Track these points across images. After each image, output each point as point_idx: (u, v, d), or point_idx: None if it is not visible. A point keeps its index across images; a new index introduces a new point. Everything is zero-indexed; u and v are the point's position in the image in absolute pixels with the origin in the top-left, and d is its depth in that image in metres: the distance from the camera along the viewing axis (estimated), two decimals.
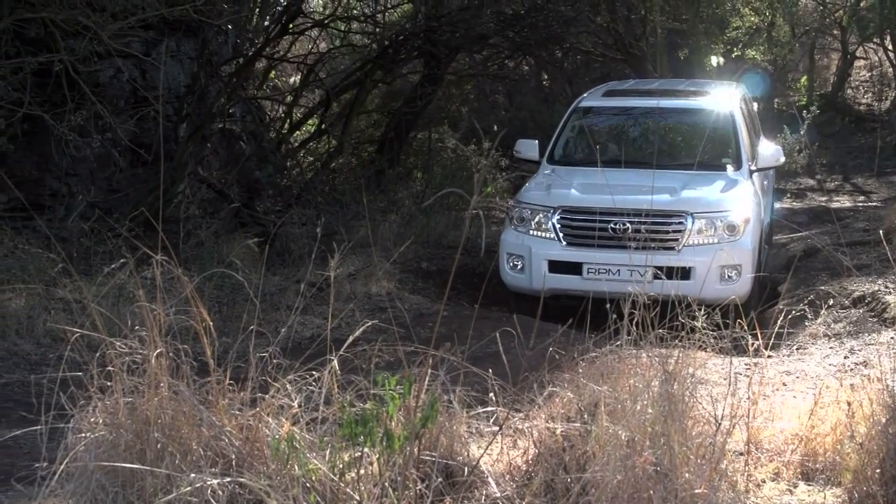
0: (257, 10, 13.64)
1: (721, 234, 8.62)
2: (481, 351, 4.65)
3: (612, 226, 8.61)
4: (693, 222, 8.59)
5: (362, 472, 3.49)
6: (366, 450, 3.52)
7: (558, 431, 3.87)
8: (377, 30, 14.77)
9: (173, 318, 3.93)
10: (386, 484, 3.45)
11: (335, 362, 3.76)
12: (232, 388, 3.73)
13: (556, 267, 8.81)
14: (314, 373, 3.78)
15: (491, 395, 4.12)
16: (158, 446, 3.53)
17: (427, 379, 3.74)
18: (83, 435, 3.56)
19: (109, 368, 3.68)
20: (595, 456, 3.67)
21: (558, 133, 10.46)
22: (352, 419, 3.56)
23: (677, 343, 4.27)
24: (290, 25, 13.37)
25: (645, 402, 3.82)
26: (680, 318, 4.45)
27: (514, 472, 3.96)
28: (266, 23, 13.81)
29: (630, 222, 8.55)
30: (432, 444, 3.75)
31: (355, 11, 15.15)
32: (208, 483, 3.34)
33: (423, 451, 3.66)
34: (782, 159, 9.85)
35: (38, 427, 3.66)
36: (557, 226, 8.88)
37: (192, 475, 3.38)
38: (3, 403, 5.79)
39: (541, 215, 8.99)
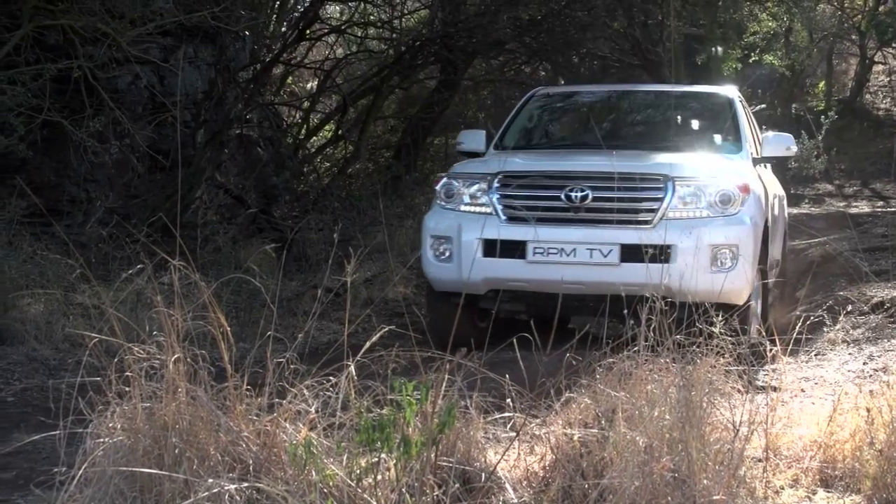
0: (274, 16, 13.68)
1: (712, 205, 6.92)
2: (498, 356, 4.65)
3: (567, 193, 6.94)
4: (674, 190, 6.90)
5: (379, 477, 3.49)
6: (383, 455, 3.52)
7: (576, 437, 3.86)
8: (394, 35, 14.80)
9: (191, 323, 3.94)
10: (403, 490, 3.44)
11: (352, 368, 3.76)
12: (249, 393, 3.74)
13: (494, 250, 6.88)
14: (331, 378, 3.78)
15: (508, 400, 4.12)
16: (176, 451, 3.54)
17: (444, 384, 3.75)
18: (102, 440, 3.57)
19: (128, 374, 3.69)
20: (612, 462, 3.66)
21: (511, 119, 8.81)
22: (369, 425, 3.56)
23: (695, 349, 4.26)
24: (307, 31, 13.42)
25: (662, 409, 3.81)
26: (697, 324, 4.43)
27: (531, 478, 3.95)
28: (283, 29, 13.86)
29: (591, 188, 6.94)
30: (449, 449, 3.74)
31: (372, 17, 15.17)
32: (226, 488, 3.35)
33: (441, 456, 3.66)
34: (794, 148, 8.25)
35: (57, 432, 3.67)
36: (496, 197, 7.11)
37: (210, 480, 3.39)
38: (23, 408, 5.82)
39: (476, 186, 7.26)
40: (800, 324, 4.61)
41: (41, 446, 4.25)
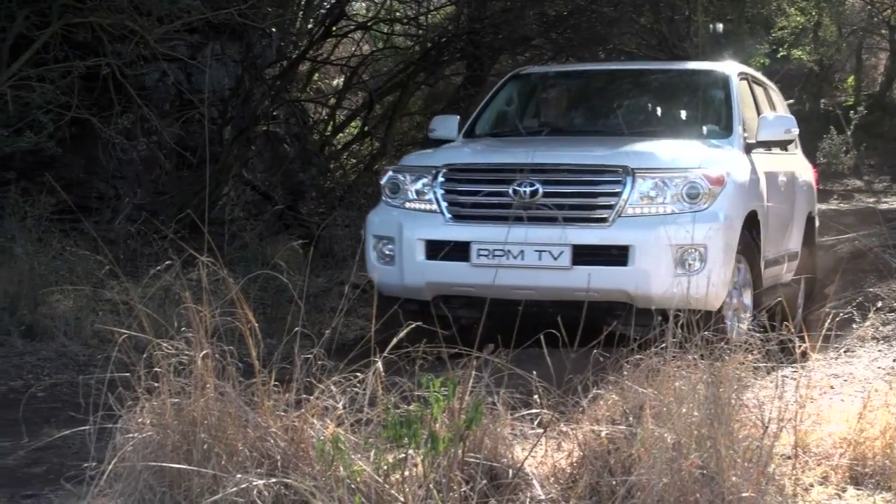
0: (301, 12, 13.71)
1: (678, 200, 6.23)
2: (525, 353, 4.65)
3: (516, 188, 6.30)
4: (634, 183, 6.21)
5: (407, 473, 3.49)
6: (410, 451, 3.53)
7: (603, 434, 3.85)
8: (420, 32, 14.80)
9: (219, 319, 3.95)
10: (431, 486, 3.45)
11: (379, 364, 3.77)
12: (277, 389, 3.75)
13: (438, 251, 6.34)
14: (358, 374, 3.79)
15: (535, 397, 4.12)
16: (205, 447, 3.55)
17: (471, 381, 3.75)
18: (131, 435, 3.59)
19: (156, 369, 3.71)
20: (640, 459, 3.65)
21: (485, 103, 8.17)
22: (396, 421, 3.57)
23: (723, 346, 4.24)
24: (334, 28, 13.44)
25: (690, 405, 3.79)
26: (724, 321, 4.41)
27: (558, 475, 3.94)
28: (309, 25, 13.89)
29: (541, 182, 6.29)
30: (476, 446, 3.74)
31: (398, 14, 15.18)
32: (254, 484, 3.36)
33: (468, 453, 3.66)
34: (794, 131, 7.51)
35: (87, 427, 3.70)
36: (440, 192, 6.49)
37: (238, 476, 3.40)
38: (52, 404, 5.86)
39: (421, 181, 6.61)
40: (829, 320, 4.59)
41: (71, 441, 4.28)
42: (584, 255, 6.14)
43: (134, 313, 4.05)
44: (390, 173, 6.82)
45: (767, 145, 7.42)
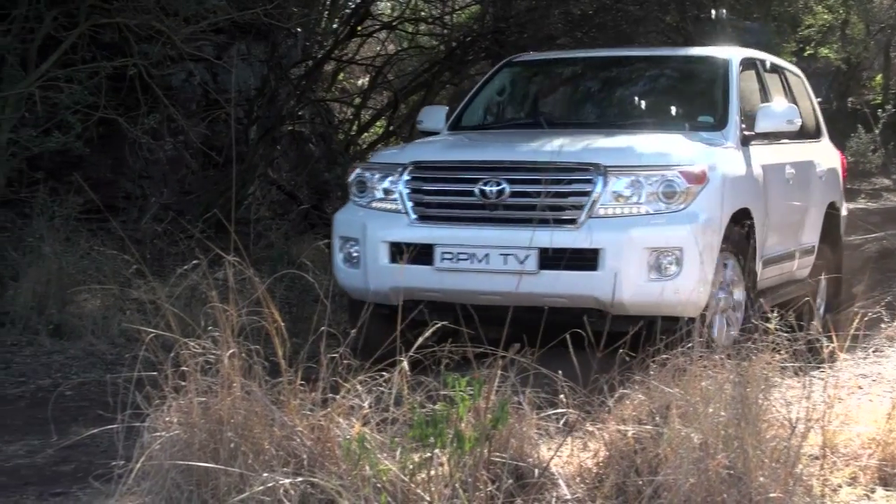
0: (326, 12, 13.74)
1: (653, 199, 5.86)
2: (551, 352, 4.64)
3: (482, 188, 5.98)
4: (606, 182, 5.86)
5: (433, 472, 3.49)
6: (436, 451, 3.53)
7: (629, 434, 3.84)
8: (445, 31, 14.80)
9: (245, 318, 3.97)
10: (457, 485, 3.45)
11: (405, 363, 3.77)
12: (303, 388, 3.76)
13: (402, 254, 5.92)
14: (384, 374, 3.79)
15: (561, 396, 4.11)
16: (231, 446, 3.57)
17: (497, 380, 3.75)
18: (158, 434, 3.61)
19: (183, 368, 3.73)
20: (667, 459, 3.64)
21: (473, 93, 7.80)
22: (422, 420, 3.57)
23: (750, 345, 4.22)
24: (359, 28, 13.45)
25: (717, 405, 3.77)
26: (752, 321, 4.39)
27: (584, 475, 3.94)
28: (335, 25, 13.92)
29: (508, 181, 5.96)
30: (502, 445, 3.74)
31: (423, 13, 15.18)
32: (280, 482, 3.37)
33: (494, 452, 3.66)
34: (798, 121, 7.06)
35: (115, 426, 3.72)
36: (405, 192, 6.16)
37: (265, 474, 3.42)
38: (80, 402, 5.90)
39: (388, 179, 6.27)
40: (857, 320, 4.56)
41: (99, 440, 4.31)
42: (552, 258, 5.78)
43: (161, 312, 4.08)
44: (358, 171, 6.54)
45: (767, 137, 7.01)
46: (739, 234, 6.40)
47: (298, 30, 12.36)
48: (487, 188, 5.96)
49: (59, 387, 6.19)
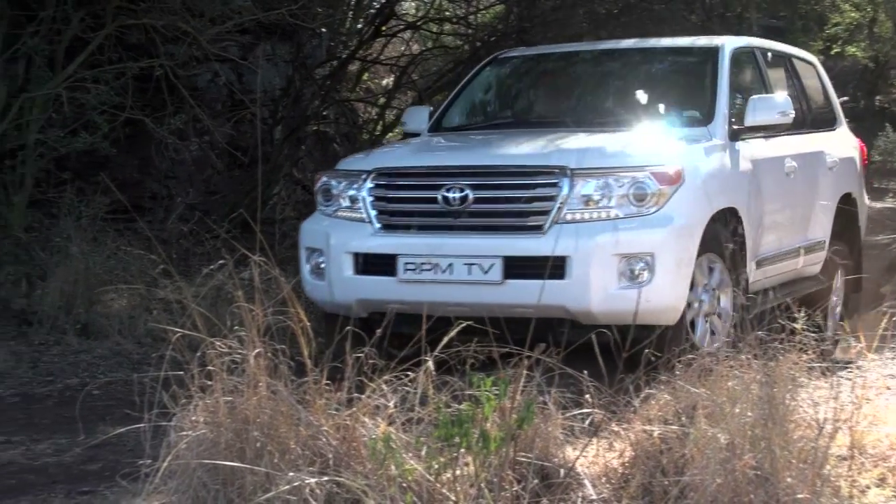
0: (351, 12, 13.76)
1: (624, 203, 5.59)
2: (576, 352, 4.63)
3: (444, 194, 5.74)
4: (572, 185, 5.59)
5: (458, 472, 3.49)
6: (461, 450, 3.53)
7: (655, 434, 3.83)
8: (469, 31, 14.78)
9: (271, 318, 3.98)
10: (482, 485, 3.44)
11: (430, 363, 3.77)
12: (329, 388, 3.77)
13: (366, 265, 5.86)
14: (409, 373, 3.80)
15: (586, 396, 4.10)
16: (258, 445, 3.58)
17: (522, 380, 3.74)
18: (185, 433, 3.62)
19: (210, 368, 3.74)
20: (693, 459, 3.62)
21: (456, 93, 7.54)
22: (447, 420, 3.57)
23: (777, 345, 4.20)
24: (383, 28, 13.46)
25: (744, 405, 3.76)
26: (778, 320, 4.37)
27: (610, 475, 3.93)
28: (359, 25, 13.93)
29: (471, 187, 5.71)
30: (528, 445, 3.73)
31: (448, 13, 15.17)
32: (306, 482, 3.38)
33: (519, 452, 3.65)
34: (790, 113, 6.69)
35: (142, 425, 3.74)
36: (369, 200, 5.94)
37: (291, 474, 3.43)
38: (107, 401, 5.93)
39: (352, 187, 6.05)
40: (885, 320, 4.53)
41: (126, 439, 4.33)
42: (517, 267, 5.56)
43: (187, 312, 4.09)
44: (323, 178, 6.31)
45: (763, 130, 6.71)
46: (724, 236, 6.10)
47: (323, 30, 12.39)
48: (450, 195, 5.72)
49: (87, 386, 6.23)
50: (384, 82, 16.31)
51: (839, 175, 8.00)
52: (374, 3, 14.01)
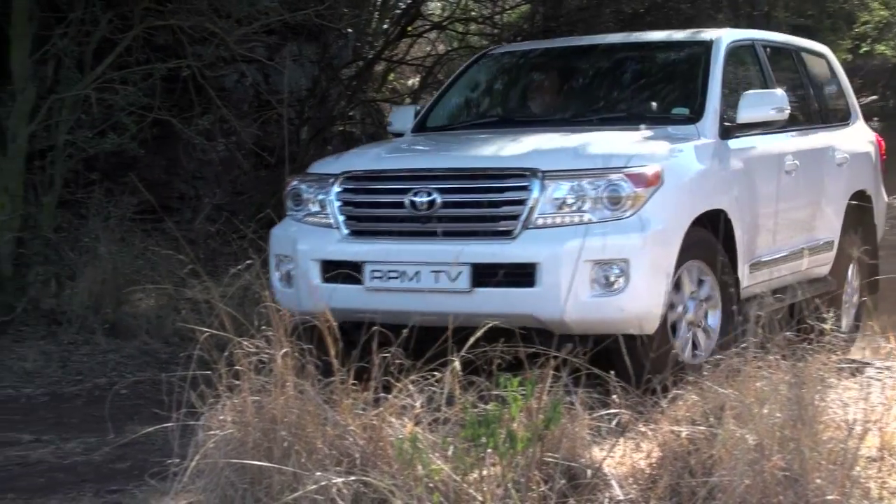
0: (377, 13, 13.78)
1: (598, 206, 5.33)
2: (603, 352, 4.62)
3: (412, 198, 5.51)
4: (543, 188, 5.34)
5: (485, 472, 3.49)
6: (488, 451, 3.53)
7: (683, 434, 3.81)
8: (495, 31, 14.77)
9: (298, 318, 3.99)
10: (509, 485, 3.44)
11: (457, 363, 3.77)
12: (355, 388, 3.77)
13: (334, 273, 5.61)
14: (436, 373, 3.80)
15: (613, 397, 4.09)
16: (285, 445, 3.59)
17: (549, 380, 3.74)
18: (213, 432, 3.64)
19: (237, 368, 3.76)
20: (722, 460, 3.60)
21: (442, 92, 7.39)
22: (474, 420, 3.57)
23: (806, 346, 4.18)
24: (409, 28, 13.47)
25: (773, 406, 3.74)
26: (807, 321, 4.34)
27: (637, 476, 3.92)
28: (385, 26, 13.95)
29: (439, 190, 5.48)
30: (555, 445, 3.72)
31: (473, 13, 15.17)
32: (333, 482, 3.39)
33: (546, 452, 3.64)
34: (786, 109, 6.39)
35: (170, 424, 3.76)
36: (337, 205, 5.73)
37: (318, 473, 3.44)
38: (135, 401, 5.97)
39: (321, 192, 5.83)
40: None
41: (154, 438, 4.34)
42: (486, 275, 5.29)
43: (215, 312, 4.11)
44: (293, 183, 6.08)
45: (754, 128, 6.40)
46: (710, 240, 5.80)
47: (349, 30, 12.41)
48: (417, 199, 5.49)
49: (115, 385, 6.27)
50: (410, 82, 16.32)
51: (851, 172, 7.71)
52: (400, 4, 14.02)
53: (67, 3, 8.24)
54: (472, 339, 3.92)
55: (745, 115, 6.26)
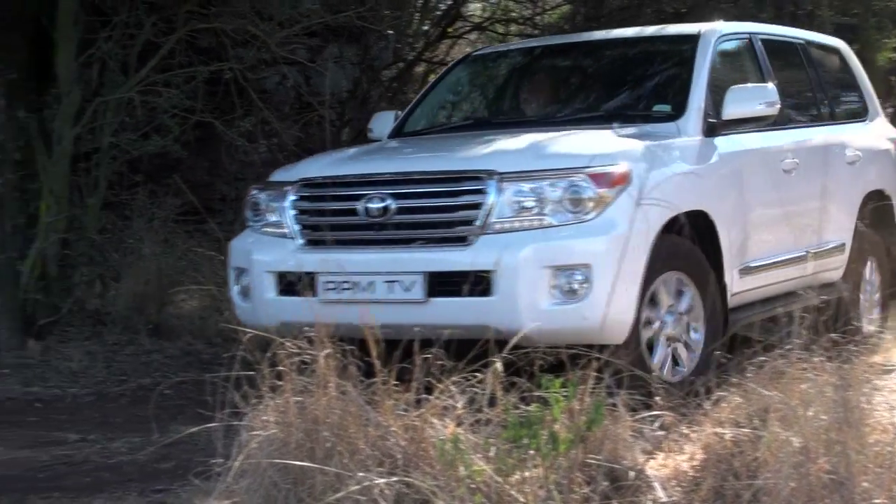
0: (417, 14, 13.80)
1: (559, 210, 5.04)
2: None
3: (365, 205, 5.27)
4: (501, 190, 5.07)
5: (527, 474, 3.48)
6: (530, 452, 3.52)
7: (727, 436, 3.78)
8: (536, 32, 14.74)
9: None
10: (551, 487, 3.43)
11: (498, 364, 3.77)
12: (397, 389, 3.78)
13: (289, 285, 5.38)
14: (478, 374, 3.79)
15: (656, 398, 4.07)
16: (327, 445, 3.60)
17: (591, 381, 3.73)
18: (256, 433, 3.66)
19: (280, 368, 3.77)
20: (766, 462, 3.57)
21: (421, 95, 7.19)
22: (516, 421, 3.57)
23: (850, 347, 4.14)
24: (450, 29, 13.48)
25: (818, 408, 3.70)
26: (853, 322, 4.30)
27: (680, 478, 3.89)
28: (426, 27, 13.96)
29: (393, 196, 5.24)
30: (597, 447, 3.71)
31: (514, 14, 15.15)
32: (376, 482, 3.39)
33: (588, 454, 3.63)
34: (776, 104, 6.05)
35: (213, 424, 3.78)
36: (292, 213, 5.51)
37: (360, 474, 3.44)
38: (179, 401, 6.02)
39: (279, 200, 5.61)
40: None
41: (197, 438, 4.38)
42: (441, 284, 5.01)
43: None
44: (253, 191, 5.87)
45: (744, 124, 6.05)
46: (686, 247, 5.50)
47: (390, 32, 12.43)
48: (370, 205, 5.23)
49: (159, 385, 6.32)
50: None
51: (865, 170, 7.31)
52: (441, 5, 14.03)
53: (112, 7, 8.32)
54: (514, 340, 3.91)
55: (730, 110, 5.93)
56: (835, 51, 7.89)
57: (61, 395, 6.62)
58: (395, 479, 3.44)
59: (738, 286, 5.90)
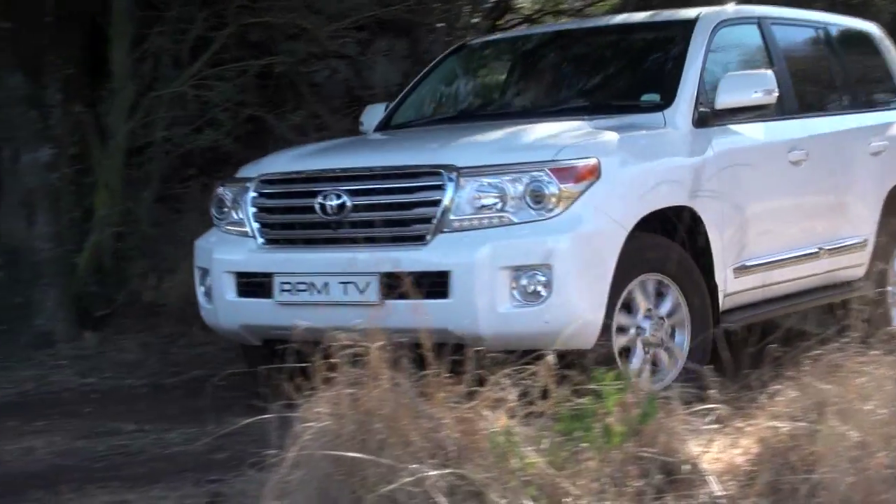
0: (467, 7, 13.77)
1: (521, 206, 4.81)
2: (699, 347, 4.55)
3: (321, 202, 5.09)
4: (460, 186, 4.85)
5: (580, 467, 3.47)
6: (583, 445, 3.51)
7: (783, 430, 3.74)
8: None
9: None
10: (605, 480, 3.42)
11: (551, 356, 3.75)
12: (449, 381, 3.78)
13: (247, 286, 5.30)
14: (530, 367, 3.78)
15: (710, 391, 4.03)
16: (380, 437, 3.60)
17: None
18: (309, 424, 3.67)
19: (332, 360, 3.79)
20: (824, 457, 3.53)
21: (412, 86, 6.96)
22: (569, 414, 3.56)
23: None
24: (499, 22, 13.44)
25: (876, 402, 3.65)
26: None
27: (734, 471, 3.86)
28: (475, 20, 13.93)
29: (349, 193, 5.06)
30: (650, 440, 3.68)
31: (564, 6, 15.08)
32: (429, 474, 3.40)
33: (642, 447, 3.61)
34: (774, 91, 5.74)
35: (267, 415, 3.80)
36: (252, 211, 5.36)
37: (413, 466, 3.45)
38: (233, 393, 6.04)
39: (241, 198, 5.45)
40: None
41: (251, 429, 4.41)
42: (397, 285, 4.58)
43: None
44: (219, 189, 5.69)
45: (741, 113, 5.74)
46: (665, 246, 5.24)
47: (440, 25, 12.42)
48: (326, 202, 5.06)
49: (213, 377, 6.36)
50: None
51: (892, 162, 6.93)
52: None
53: (165, 3, 8.40)
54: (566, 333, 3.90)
55: (723, 99, 5.64)
56: (864, 35, 7.49)
57: (117, 386, 6.70)
58: (447, 471, 3.44)
59: (733, 286, 5.62)
